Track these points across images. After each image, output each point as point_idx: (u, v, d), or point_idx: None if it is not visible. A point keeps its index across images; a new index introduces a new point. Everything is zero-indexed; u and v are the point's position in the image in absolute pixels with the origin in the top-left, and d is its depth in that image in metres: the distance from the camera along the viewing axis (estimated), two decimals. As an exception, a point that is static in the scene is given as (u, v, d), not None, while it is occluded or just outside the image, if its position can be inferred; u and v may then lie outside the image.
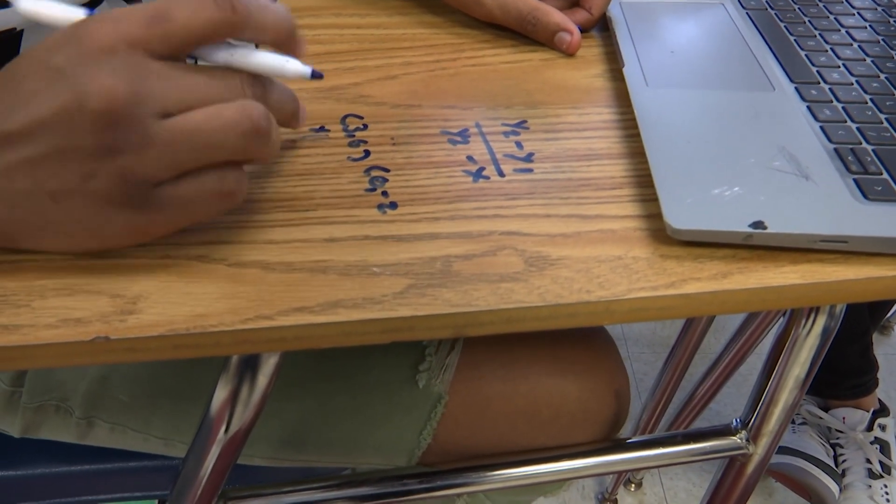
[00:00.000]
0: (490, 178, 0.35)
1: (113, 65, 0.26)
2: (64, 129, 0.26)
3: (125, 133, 0.26)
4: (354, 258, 0.30)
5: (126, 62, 0.26)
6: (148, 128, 0.26)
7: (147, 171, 0.27)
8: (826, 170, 0.34)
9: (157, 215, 0.28)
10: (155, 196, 0.28)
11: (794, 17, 0.49)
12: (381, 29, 0.49)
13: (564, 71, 0.44)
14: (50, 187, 0.27)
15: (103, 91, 0.25)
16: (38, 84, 0.26)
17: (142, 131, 0.26)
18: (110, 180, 0.27)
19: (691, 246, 0.31)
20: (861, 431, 0.95)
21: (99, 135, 0.26)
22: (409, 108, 0.40)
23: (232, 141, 0.28)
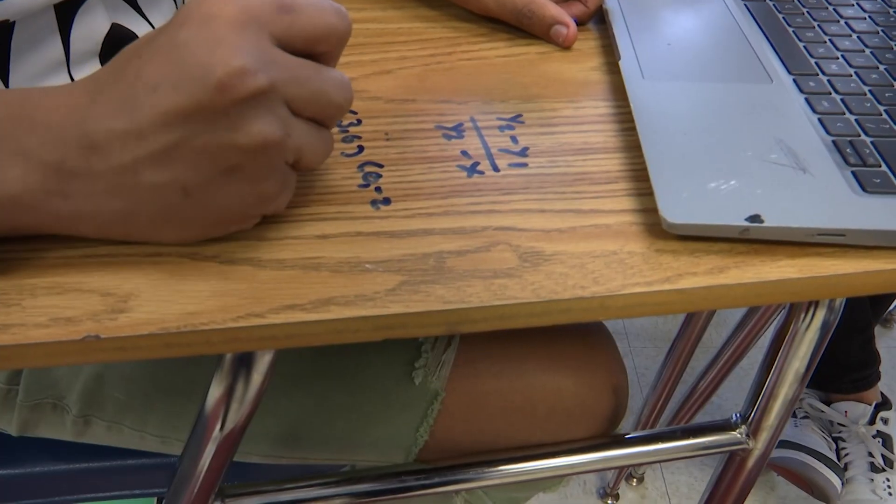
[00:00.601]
0: (485, 173, 0.34)
1: (244, 45, 0.25)
2: (197, 116, 0.25)
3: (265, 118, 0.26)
4: (346, 255, 0.30)
5: (258, 45, 0.26)
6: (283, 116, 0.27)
7: (287, 155, 0.28)
8: (824, 162, 0.33)
9: (288, 187, 0.29)
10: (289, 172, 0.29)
11: (792, 7, 0.48)
12: (376, 23, 0.49)
13: (560, 64, 0.44)
14: (184, 181, 0.27)
15: (238, 73, 0.25)
16: (164, 67, 0.25)
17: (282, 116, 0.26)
18: (253, 164, 0.27)
19: (687, 240, 0.31)
20: (863, 425, 0.95)
21: (238, 121, 0.26)
22: (403, 102, 0.40)
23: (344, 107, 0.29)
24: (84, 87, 0.27)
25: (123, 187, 0.27)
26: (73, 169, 0.26)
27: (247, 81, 0.25)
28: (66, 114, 0.26)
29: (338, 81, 0.29)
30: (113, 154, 0.26)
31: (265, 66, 0.26)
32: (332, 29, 0.28)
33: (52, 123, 0.26)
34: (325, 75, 0.28)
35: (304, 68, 0.27)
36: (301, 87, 0.27)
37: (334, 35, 0.28)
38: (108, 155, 0.26)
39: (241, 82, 0.25)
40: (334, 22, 0.28)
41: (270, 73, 0.26)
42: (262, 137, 0.26)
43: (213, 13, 0.25)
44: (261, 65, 0.25)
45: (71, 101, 0.27)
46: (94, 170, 0.26)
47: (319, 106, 0.28)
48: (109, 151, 0.26)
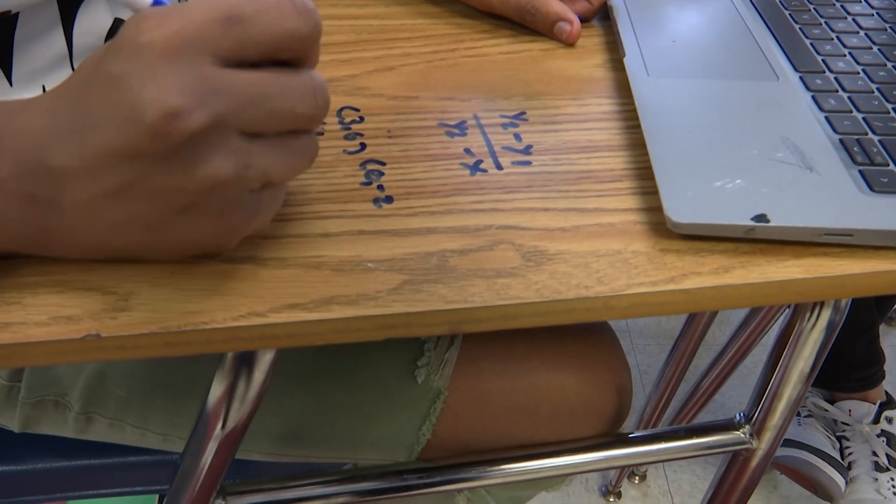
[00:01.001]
0: (488, 172, 0.34)
1: (179, 79, 0.23)
2: (140, 158, 0.24)
3: (212, 158, 0.24)
4: (349, 253, 0.30)
5: (196, 74, 0.23)
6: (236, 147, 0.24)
7: (249, 184, 0.25)
8: (831, 161, 0.33)
9: (263, 210, 0.27)
10: (260, 196, 0.27)
11: (798, 4, 0.48)
12: (379, 20, 0.49)
13: (564, 61, 0.44)
14: (144, 218, 0.25)
15: (170, 115, 0.23)
16: (102, 102, 0.24)
17: (234, 148, 0.24)
18: (209, 203, 0.25)
19: (692, 239, 0.30)
20: (867, 424, 0.95)
21: (183, 164, 0.24)
22: (406, 99, 0.40)
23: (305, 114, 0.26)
24: (45, 108, 0.26)
25: (89, 222, 0.26)
26: (44, 201, 0.25)
27: (181, 123, 0.23)
28: (29, 141, 0.25)
29: (304, 89, 0.26)
30: (74, 190, 0.25)
31: (205, 99, 0.23)
32: (294, 34, 0.25)
33: (18, 151, 0.25)
34: (288, 88, 0.25)
35: (257, 85, 0.24)
36: (256, 108, 0.24)
37: (297, 40, 0.25)
38: (70, 191, 0.25)
39: (176, 125, 0.23)
40: (295, 26, 0.25)
41: (212, 107, 0.23)
42: (210, 179, 0.24)
43: (144, 41, 0.23)
44: (199, 99, 0.23)
45: (33, 125, 0.25)
46: (63, 204, 0.25)
47: (282, 121, 0.26)
48: (71, 188, 0.25)
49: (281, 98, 0.25)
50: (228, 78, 0.24)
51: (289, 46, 0.25)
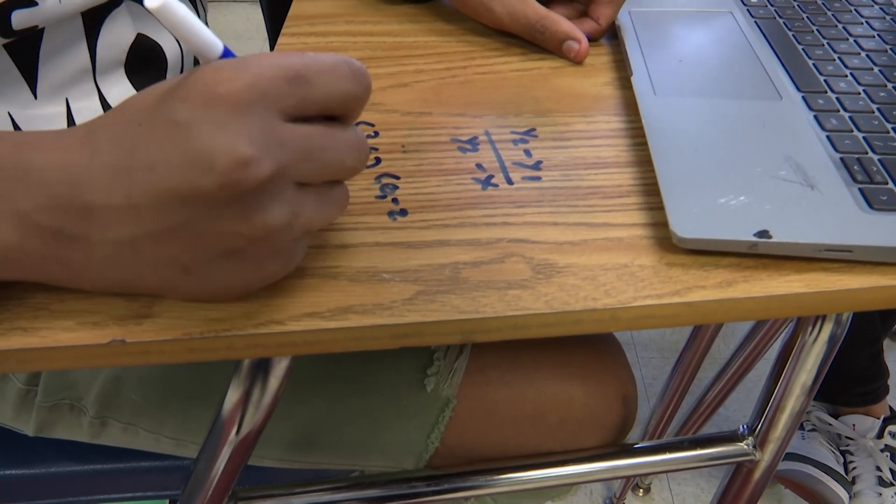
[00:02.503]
0: (499, 186, 0.35)
1: (249, 130, 0.24)
2: (198, 204, 0.24)
3: (270, 207, 0.25)
4: (365, 264, 0.31)
5: (264, 126, 0.24)
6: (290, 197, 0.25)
7: (294, 234, 0.26)
8: (831, 179, 0.34)
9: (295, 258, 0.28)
10: (297, 244, 0.28)
11: (802, 25, 0.49)
12: (393, 36, 0.50)
13: (573, 79, 0.45)
14: (184, 260, 0.26)
15: (242, 164, 0.23)
16: (162, 144, 0.24)
17: (289, 199, 0.25)
18: (257, 249, 0.26)
19: (697, 254, 0.31)
20: (871, 439, 0.95)
21: (242, 210, 0.24)
22: (419, 115, 0.41)
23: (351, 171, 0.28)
24: (81, 143, 0.26)
25: (122, 259, 0.26)
26: (71, 236, 0.26)
27: (251, 172, 0.23)
28: (61, 173, 0.25)
29: (352, 144, 0.27)
30: (111, 228, 0.25)
31: (271, 150, 0.24)
32: (349, 96, 0.26)
33: (48, 183, 0.25)
34: (339, 141, 0.27)
35: (315, 139, 0.26)
36: (311, 161, 0.26)
37: (351, 101, 0.27)
38: (105, 228, 0.25)
39: (245, 174, 0.23)
40: (351, 89, 0.26)
41: (277, 158, 0.24)
42: (266, 227, 0.25)
43: (218, 92, 0.24)
44: (266, 150, 0.24)
45: (67, 160, 0.25)
46: (92, 240, 0.26)
47: (331, 172, 0.27)
48: (107, 224, 0.25)
49: (333, 151, 0.26)
50: (290, 131, 0.25)
51: (342, 104, 0.27)
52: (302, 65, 0.25)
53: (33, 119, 0.42)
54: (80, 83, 0.44)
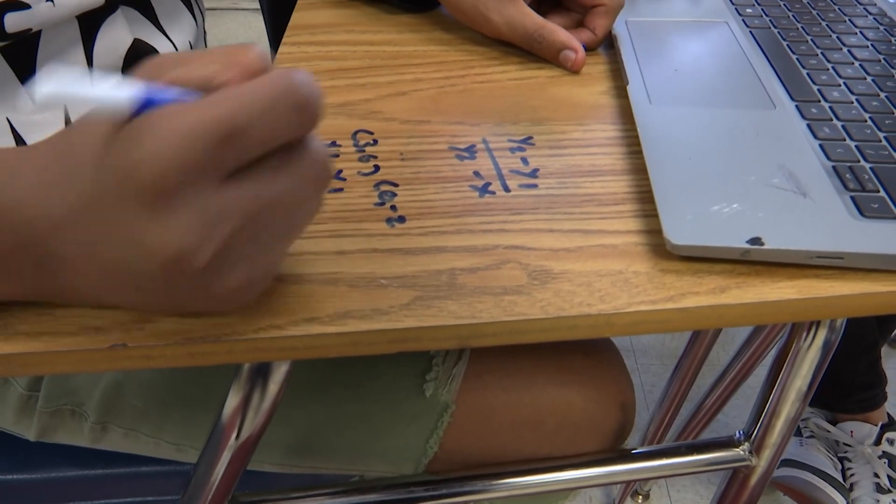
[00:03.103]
0: (496, 194, 0.36)
1: (180, 216, 0.22)
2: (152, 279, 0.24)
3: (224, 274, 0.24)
4: (363, 270, 0.31)
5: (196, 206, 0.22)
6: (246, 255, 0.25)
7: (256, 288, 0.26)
8: (824, 187, 0.34)
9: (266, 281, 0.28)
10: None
11: (796, 35, 0.49)
12: (392, 46, 0.51)
13: (570, 88, 0.45)
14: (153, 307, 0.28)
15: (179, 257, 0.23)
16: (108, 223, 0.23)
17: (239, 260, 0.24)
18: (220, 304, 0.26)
19: (691, 261, 0.32)
20: (869, 445, 0.95)
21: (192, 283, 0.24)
22: (418, 123, 0.42)
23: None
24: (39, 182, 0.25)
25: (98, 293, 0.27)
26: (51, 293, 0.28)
27: (193, 261, 0.23)
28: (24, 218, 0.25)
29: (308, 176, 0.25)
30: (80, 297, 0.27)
31: (211, 231, 0.23)
32: (297, 129, 0.24)
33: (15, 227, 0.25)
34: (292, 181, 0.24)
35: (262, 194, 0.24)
36: (263, 213, 0.24)
37: (299, 132, 0.24)
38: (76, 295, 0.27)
39: (187, 264, 0.23)
40: (288, 127, 0.23)
41: (219, 235, 0.23)
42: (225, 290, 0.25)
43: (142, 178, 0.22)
44: (205, 233, 0.22)
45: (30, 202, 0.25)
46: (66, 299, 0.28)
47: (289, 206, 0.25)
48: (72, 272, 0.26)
49: (287, 195, 0.24)
50: (230, 199, 0.23)
51: (291, 139, 0.24)
52: (232, 115, 0.22)
53: (32, 125, 0.43)
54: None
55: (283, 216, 0.25)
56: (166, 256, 0.22)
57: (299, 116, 0.23)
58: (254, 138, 0.22)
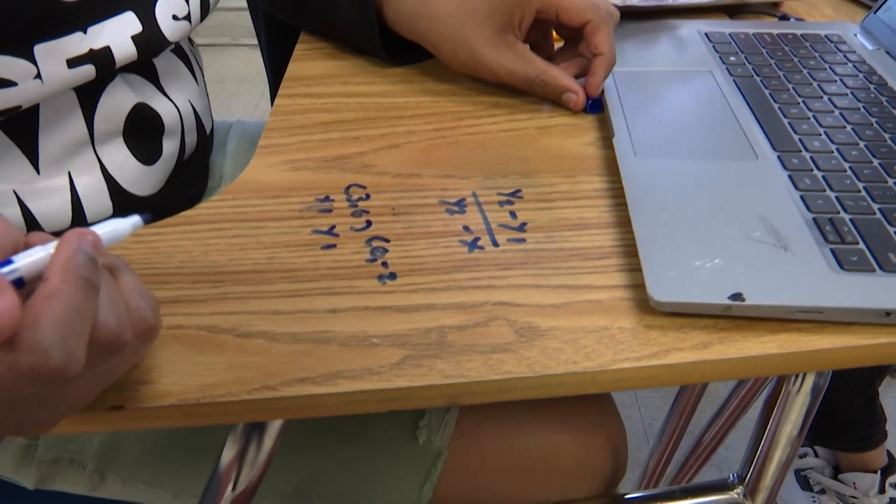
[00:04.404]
0: (485, 249, 0.37)
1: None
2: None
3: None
4: (355, 329, 0.32)
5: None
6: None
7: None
8: (804, 240, 0.35)
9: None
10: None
11: (778, 83, 0.51)
12: (385, 97, 0.52)
13: (559, 139, 0.47)
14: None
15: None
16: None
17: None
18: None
19: (675, 315, 0.33)
20: (874, 496, 0.95)
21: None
22: (409, 177, 0.43)
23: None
24: None
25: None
26: None
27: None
28: None
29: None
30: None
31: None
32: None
33: None
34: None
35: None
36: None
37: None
38: None
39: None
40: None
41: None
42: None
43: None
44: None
45: None
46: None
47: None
48: None
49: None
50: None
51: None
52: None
53: (38, 193, 0.44)
54: (80, 154, 0.45)
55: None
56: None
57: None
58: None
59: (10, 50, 0.38)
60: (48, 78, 0.40)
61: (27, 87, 0.40)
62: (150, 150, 0.50)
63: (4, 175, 0.43)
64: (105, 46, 0.43)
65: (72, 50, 0.41)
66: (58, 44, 0.40)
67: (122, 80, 0.47)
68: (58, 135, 0.44)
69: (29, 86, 0.40)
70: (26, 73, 0.39)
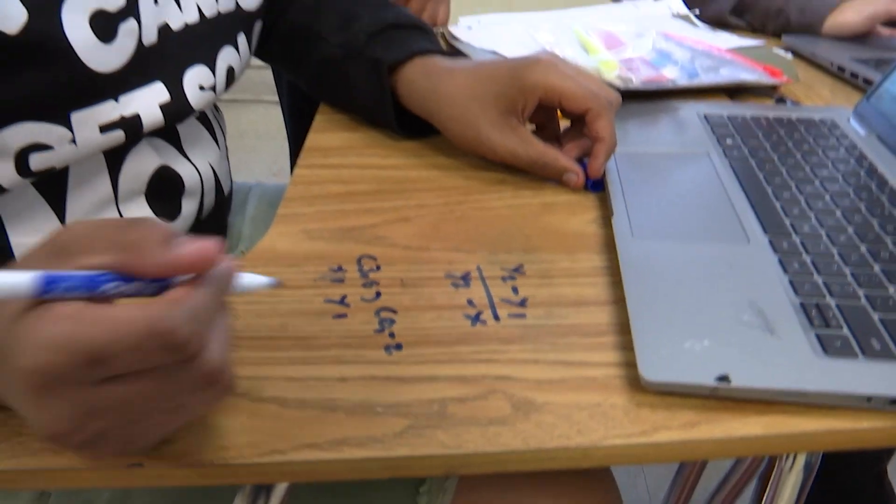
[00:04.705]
0: (486, 323, 0.39)
1: (52, 407, 0.25)
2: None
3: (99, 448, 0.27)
4: (361, 398, 0.34)
5: (66, 400, 0.25)
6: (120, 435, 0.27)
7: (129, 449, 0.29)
8: (791, 324, 0.37)
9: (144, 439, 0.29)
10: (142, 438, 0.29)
11: (772, 167, 0.53)
12: (398, 170, 0.55)
13: (561, 216, 0.49)
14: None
15: (56, 437, 0.26)
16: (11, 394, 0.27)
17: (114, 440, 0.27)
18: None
19: (664, 394, 0.34)
20: None
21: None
22: (419, 250, 0.45)
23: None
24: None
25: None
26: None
27: (69, 442, 0.26)
28: None
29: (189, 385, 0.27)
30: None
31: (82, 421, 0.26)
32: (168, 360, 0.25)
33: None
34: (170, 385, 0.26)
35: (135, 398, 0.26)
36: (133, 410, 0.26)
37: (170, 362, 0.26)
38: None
39: (65, 443, 0.26)
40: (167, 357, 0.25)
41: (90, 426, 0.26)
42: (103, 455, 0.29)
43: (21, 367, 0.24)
44: (76, 423, 0.26)
45: None
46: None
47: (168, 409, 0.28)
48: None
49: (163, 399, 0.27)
50: (103, 398, 0.25)
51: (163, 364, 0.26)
52: (100, 344, 0.24)
53: None
54: (104, 211, 0.48)
55: (159, 412, 0.27)
56: (45, 434, 0.26)
57: (169, 354, 0.25)
58: (119, 365, 0.25)
59: (50, 118, 0.42)
60: (82, 142, 0.44)
61: (62, 151, 0.43)
62: (170, 210, 0.53)
63: (32, 229, 0.46)
64: (135, 114, 0.46)
65: (104, 117, 0.44)
66: (92, 111, 0.44)
67: (147, 143, 0.50)
68: (85, 193, 0.47)
69: (64, 149, 0.43)
70: (63, 139, 0.43)
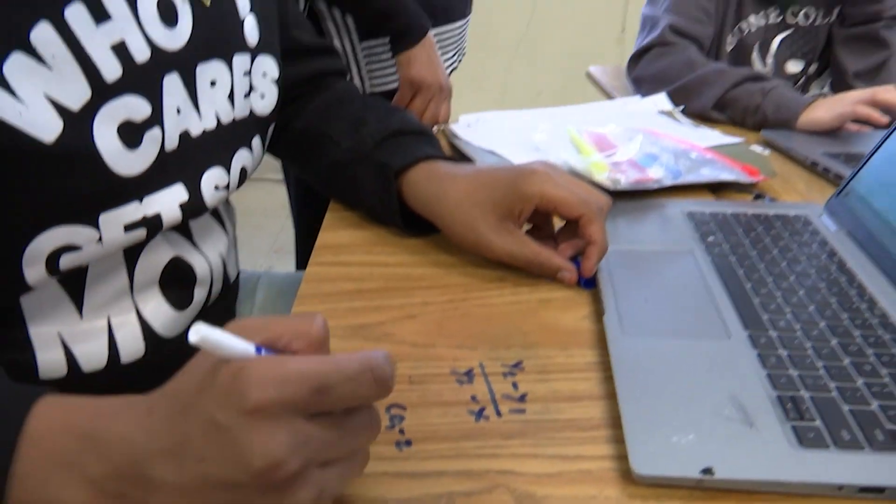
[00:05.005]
0: (489, 419, 0.42)
1: (279, 435, 0.28)
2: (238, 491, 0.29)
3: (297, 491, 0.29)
4: (374, 494, 0.37)
5: (292, 429, 0.29)
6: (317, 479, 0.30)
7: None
8: (768, 417, 0.40)
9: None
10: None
11: (751, 264, 0.58)
12: (403, 267, 0.59)
13: (557, 312, 0.53)
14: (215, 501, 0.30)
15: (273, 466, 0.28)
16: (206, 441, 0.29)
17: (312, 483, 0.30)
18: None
19: (655, 486, 0.37)
20: None
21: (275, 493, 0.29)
22: (425, 347, 0.49)
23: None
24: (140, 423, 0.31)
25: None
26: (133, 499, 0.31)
27: (282, 472, 0.28)
28: (128, 451, 0.30)
29: (367, 426, 0.32)
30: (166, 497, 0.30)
31: (298, 449, 0.29)
32: (365, 399, 0.31)
33: (114, 457, 0.31)
34: (357, 428, 0.32)
35: (335, 431, 0.31)
36: (333, 448, 0.31)
37: (372, 398, 0.31)
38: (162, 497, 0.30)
39: (277, 473, 0.28)
40: (371, 394, 0.31)
41: (303, 455, 0.29)
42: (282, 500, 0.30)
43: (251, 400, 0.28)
44: (294, 451, 0.28)
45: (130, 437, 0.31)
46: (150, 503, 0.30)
47: (351, 451, 0.32)
48: (164, 494, 0.30)
49: (353, 439, 0.32)
50: (313, 429, 0.30)
51: (362, 402, 0.32)
52: (325, 375, 0.29)
53: (79, 334, 0.50)
54: (119, 301, 0.52)
55: (346, 454, 0.32)
56: (262, 463, 0.28)
57: (377, 388, 0.31)
58: (338, 395, 0.30)
59: (80, 220, 0.46)
60: (107, 241, 0.47)
61: (89, 250, 0.47)
62: (182, 298, 0.57)
63: (50, 318, 0.49)
64: (156, 213, 0.50)
65: (128, 217, 0.48)
66: (118, 212, 0.47)
67: (162, 237, 0.54)
68: (103, 285, 0.51)
69: (91, 249, 0.47)
70: (90, 239, 0.46)
